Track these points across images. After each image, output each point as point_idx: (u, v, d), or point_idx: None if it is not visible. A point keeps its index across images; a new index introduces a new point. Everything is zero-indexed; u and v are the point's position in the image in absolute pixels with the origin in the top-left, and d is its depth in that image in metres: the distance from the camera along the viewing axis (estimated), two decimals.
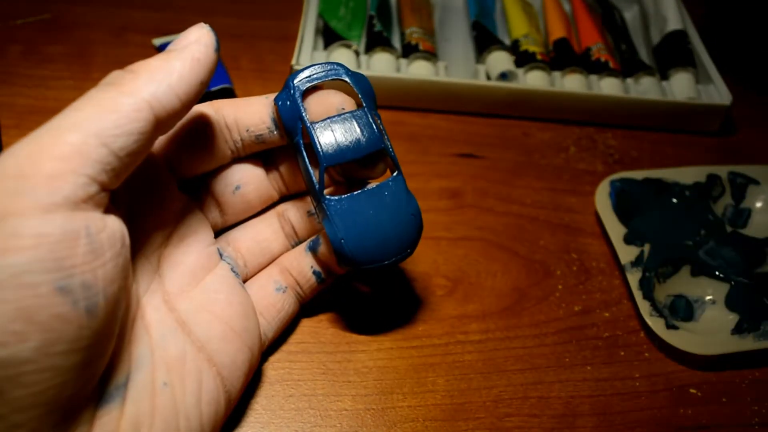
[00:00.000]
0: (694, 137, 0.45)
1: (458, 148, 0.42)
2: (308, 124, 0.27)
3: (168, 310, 0.25)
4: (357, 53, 0.44)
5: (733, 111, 0.45)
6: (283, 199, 0.31)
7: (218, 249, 0.28)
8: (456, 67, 0.46)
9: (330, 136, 0.27)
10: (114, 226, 0.21)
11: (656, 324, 0.32)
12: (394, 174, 0.28)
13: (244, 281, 0.29)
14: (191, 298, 0.26)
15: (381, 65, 0.43)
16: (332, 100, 0.27)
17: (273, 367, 0.30)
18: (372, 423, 0.28)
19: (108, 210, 0.21)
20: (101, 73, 0.46)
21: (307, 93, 0.27)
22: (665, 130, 0.45)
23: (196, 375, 0.24)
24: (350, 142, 0.27)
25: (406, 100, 0.43)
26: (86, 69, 0.43)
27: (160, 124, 0.22)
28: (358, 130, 0.27)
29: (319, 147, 0.26)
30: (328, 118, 0.27)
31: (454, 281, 0.34)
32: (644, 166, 0.42)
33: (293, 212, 0.30)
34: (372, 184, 0.28)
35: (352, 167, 0.28)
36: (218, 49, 0.24)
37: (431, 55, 0.44)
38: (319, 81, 0.27)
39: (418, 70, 0.44)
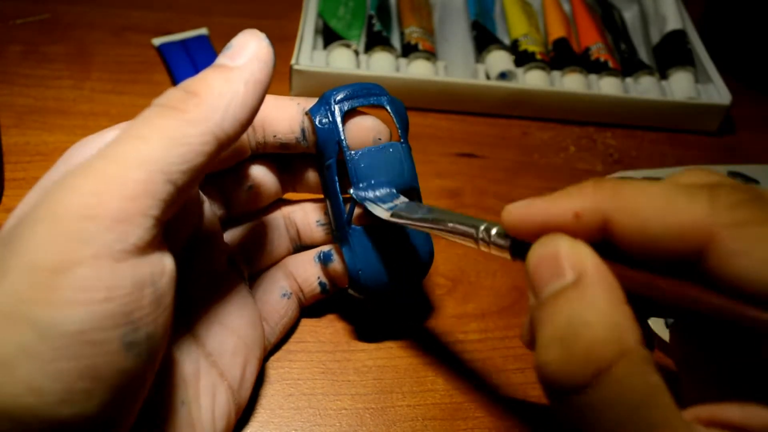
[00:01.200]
0: (694, 137, 0.45)
1: (458, 147, 0.42)
2: (347, 152, 0.26)
3: (183, 327, 0.25)
4: (356, 53, 0.44)
5: (733, 111, 0.45)
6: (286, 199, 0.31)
7: (229, 256, 0.27)
8: (456, 66, 0.46)
9: (367, 170, 0.26)
10: (171, 266, 0.19)
11: (655, 323, 0.32)
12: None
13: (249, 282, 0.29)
14: (205, 310, 0.25)
15: (380, 65, 0.43)
16: (371, 127, 0.26)
17: (272, 366, 0.30)
18: (371, 422, 0.28)
19: (161, 245, 0.19)
20: (101, 73, 0.46)
21: (347, 114, 0.27)
22: (665, 129, 0.45)
23: (211, 390, 0.24)
24: (386, 178, 0.26)
25: (405, 100, 0.43)
26: (86, 69, 0.43)
27: (221, 152, 0.20)
28: (395, 166, 0.27)
29: (355, 180, 0.26)
30: (367, 148, 0.26)
31: (453, 281, 0.34)
32: (644, 166, 0.42)
33: (300, 217, 0.30)
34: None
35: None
36: (275, 64, 0.22)
37: (431, 55, 0.44)
38: (360, 106, 0.27)
39: (418, 69, 0.44)
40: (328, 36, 0.44)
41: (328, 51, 0.44)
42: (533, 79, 0.44)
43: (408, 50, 0.44)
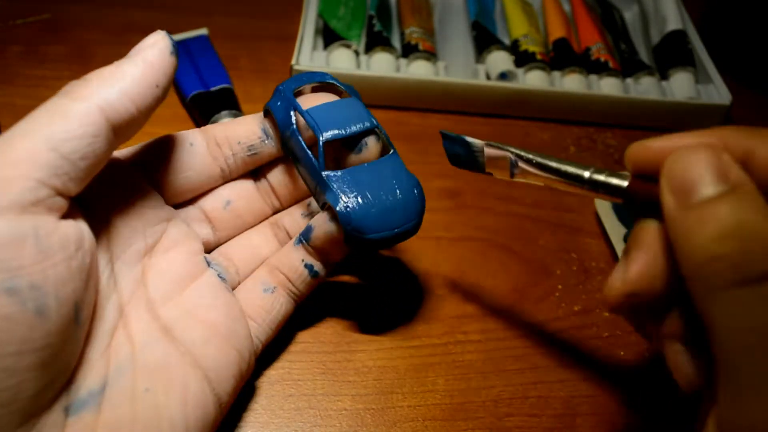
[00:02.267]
0: None
1: None
2: (301, 109, 0.28)
3: (151, 319, 0.25)
4: (357, 53, 0.44)
5: (733, 111, 0.45)
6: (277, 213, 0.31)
7: (205, 257, 0.28)
8: (456, 67, 0.46)
9: (324, 113, 0.27)
10: (68, 229, 0.21)
11: None
12: (390, 152, 0.28)
13: (235, 288, 0.29)
14: (176, 305, 0.26)
15: (381, 65, 0.43)
16: (321, 96, 0.28)
17: (273, 367, 0.30)
18: (372, 423, 0.28)
19: (67, 215, 0.21)
20: None
21: (299, 95, 0.28)
22: (665, 129, 0.45)
23: (181, 379, 0.24)
24: (343, 118, 0.27)
25: (406, 100, 0.43)
26: (86, 69, 0.42)
27: (116, 128, 0.22)
28: (349, 110, 0.28)
29: (314, 122, 0.27)
30: (319, 104, 0.28)
31: (453, 281, 0.34)
32: None
33: (287, 218, 0.30)
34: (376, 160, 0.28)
35: (345, 153, 0.28)
36: (174, 52, 0.24)
37: (431, 55, 0.44)
38: (307, 83, 0.28)
39: (418, 69, 0.44)
40: (328, 36, 0.44)
41: (328, 51, 0.44)
42: (533, 80, 0.44)
43: (408, 50, 0.44)
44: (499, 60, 0.44)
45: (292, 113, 0.28)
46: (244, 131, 0.28)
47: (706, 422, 0.19)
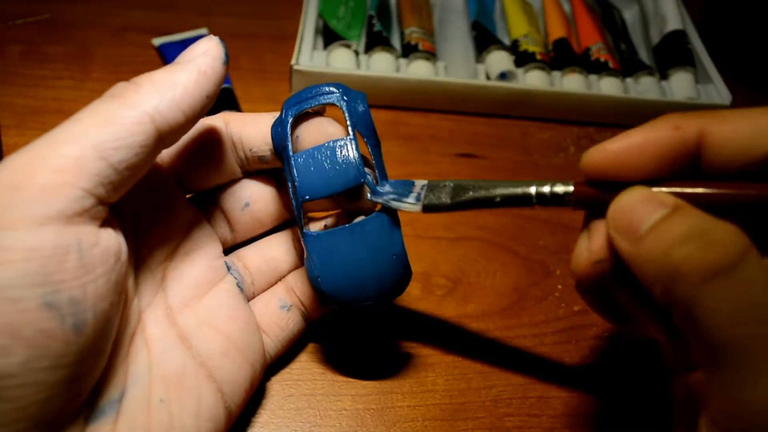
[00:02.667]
0: None
1: (458, 148, 0.42)
2: (289, 155, 0.25)
3: (169, 325, 0.25)
4: (356, 53, 0.44)
5: None
6: None
7: (226, 263, 0.28)
8: (456, 67, 0.46)
9: (307, 170, 0.25)
10: (109, 241, 0.20)
11: None
12: (378, 211, 0.25)
13: (250, 299, 0.29)
14: (194, 313, 0.26)
15: (381, 65, 0.43)
16: (319, 128, 0.25)
17: (272, 367, 0.30)
18: (371, 423, 0.28)
19: (106, 223, 0.21)
20: (101, 73, 0.46)
21: (302, 118, 0.26)
22: None
23: (196, 391, 0.24)
24: (327, 176, 0.25)
25: (406, 100, 0.43)
26: (86, 69, 0.43)
27: (163, 138, 0.21)
28: (337, 162, 0.25)
29: (296, 181, 0.25)
30: (308, 149, 0.25)
31: (453, 281, 0.34)
32: None
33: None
34: (358, 219, 0.26)
35: (340, 199, 0.27)
36: (227, 62, 0.23)
37: (431, 55, 0.44)
38: (310, 107, 0.26)
39: (418, 70, 0.44)
40: (328, 36, 0.44)
41: (328, 51, 0.44)
42: (533, 80, 0.44)
43: (408, 50, 0.44)
44: (499, 60, 0.44)
45: (288, 146, 0.25)
46: (255, 140, 0.27)
47: (699, 424, 0.19)
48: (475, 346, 0.32)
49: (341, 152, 0.25)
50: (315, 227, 0.28)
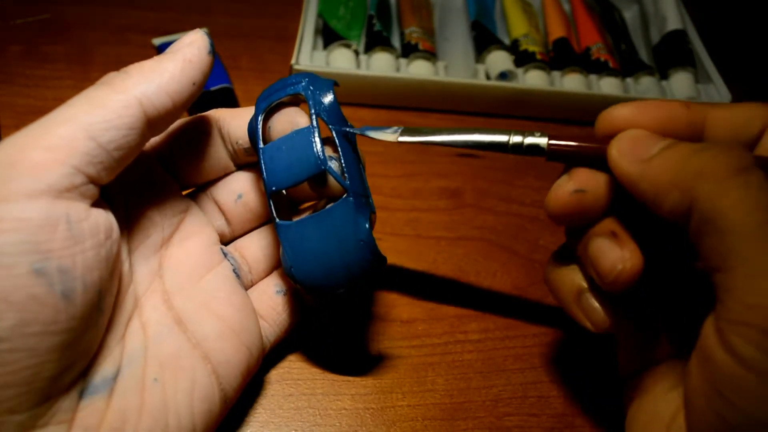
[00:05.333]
0: None
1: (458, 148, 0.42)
2: (258, 147, 0.26)
3: (166, 309, 0.25)
4: (357, 53, 0.44)
5: None
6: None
7: (222, 249, 0.28)
8: (456, 66, 0.46)
9: (272, 161, 0.25)
10: (99, 217, 0.21)
11: None
12: (343, 196, 0.25)
13: (248, 288, 0.29)
14: (190, 296, 0.26)
15: (380, 65, 0.43)
16: (286, 119, 0.26)
17: (272, 367, 0.30)
18: (371, 422, 0.28)
19: (98, 204, 0.22)
20: (101, 73, 0.46)
21: (274, 110, 0.26)
22: None
23: (190, 372, 0.24)
24: (291, 165, 0.25)
25: (405, 100, 0.43)
26: (86, 69, 0.43)
27: (152, 122, 0.22)
28: (299, 151, 0.25)
29: (263, 173, 0.25)
30: (276, 140, 0.26)
31: (453, 281, 0.34)
32: None
33: None
34: (327, 207, 0.26)
35: (313, 187, 0.26)
36: (212, 51, 0.24)
37: (431, 55, 0.44)
38: (277, 99, 0.26)
39: (418, 69, 0.44)
40: (328, 36, 0.44)
41: (328, 51, 0.44)
42: (533, 79, 0.44)
43: (408, 50, 0.44)
44: (499, 60, 0.44)
45: (258, 138, 0.26)
46: (240, 132, 0.28)
47: (701, 332, 0.20)
48: (475, 345, 0.32)
49: (302, 141, 0.25)
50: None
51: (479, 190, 0.39)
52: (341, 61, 0.43)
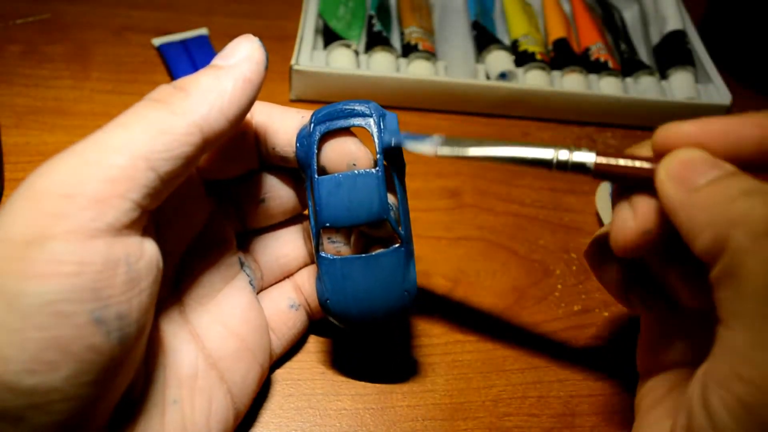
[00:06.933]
0: None
1: None
2: (314, 176, 0.24)
3: (183, 322, 0.25)
4: (356, 53, 0.44)
5: (733, 111, 0.45)
6: None
7: (240, 258, 0.27)
8: (455, 66, 0.46)
9: (331, 197, 0.24)
10: (151, 252, 0.20)
11: None
12: (396, 246, 0.25)
13: (258, 293, 0.29)
14: (207, 311, 0.25)
15: (380, 65, 0.43)
16: (345, 152, 0.24)
17: (272, 367, 0.30)
18: (371, 422, 0.28)
19: (146, 232, 0.20)
20: (101, 73, 0.46)
21: (328, 134, 0.25)
22: None
23: (207, 392, 0.24)
24: (350, 207, 0.24)
25: (405, 100, 0.43)
26: (86, 69, 0.43)
27: (208, 146, 0.21)
28: (362, 196, 0.24)
29: (318, 206, 0.24)
30: (333, 175, 0.24)
31: (453, 281, 0.34)
32: None
33: None
34: (375, 251, 0.26)
35: (361, 227, 0.26)
36: (267, 66, 0.22)
37: (431, 55, 0.44)
38: (339, 127, 0.25)
39: (418, 69, 0.44)
40: (328, 36, 0.44)
41: (328, 51, 0.44)
42: (533, 79, 0.44)
43: (408, 50, 0.44)
44: (499, 60, 0.44)
45: (308, 171, 0.25)
46: (280, 139, 0.26)
47: (694, 373, 0.20)
48: (474, 345, 0.32)
49: (367, 186, 0.24)
50: (328, 235, 0.28)
51: (479, 190, 0.39)
52: (341, 61, 0.43)
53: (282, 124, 0.26)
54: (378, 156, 0.24)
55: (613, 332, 0.33)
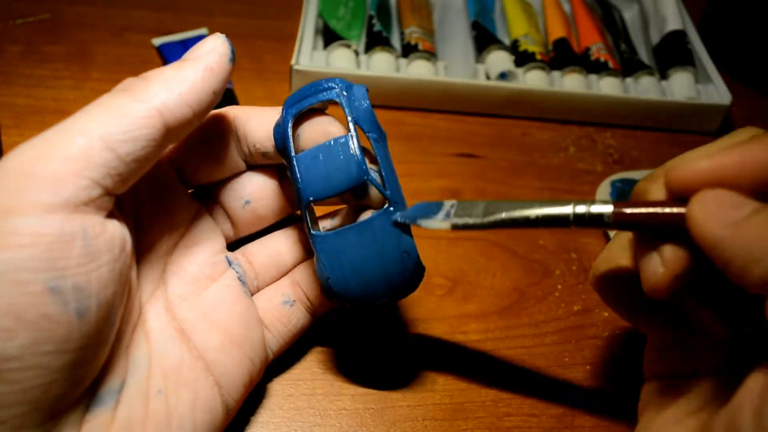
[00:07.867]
0: (694, 137, 0.45)
1: (458, 148, 0.42)
2: (291, 156, 0.25)
3: (169, 318, 0.25)
4: (356, 53, 0.44)
5: (733, 111, 0.45)
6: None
7: (227, 257, 0.28)
8: (455, 67, 0.46)
9: (310, 170, 0.24)
10: (114, 231, 0.21)
11: None
12: (385, 207, 0.25)
13: (254, 293, 0.29)
14: (193, 307, 0.26)
15: (380, 65, 0.43)
16: (320, 128, 0.25)
17: (272, 367, 0.30)
18: (371, 422, 0.28)
19: (111, 215, 0.21)
20: (101, 73, 0.46)
21: (303, 116, 0.25)
22: (665, 130, 0.45)
23: (193, 384, 0.24)
24: (330, 176, 0.24)
25: (405, 100, 0.43)
26: (86, 69, 0.43)
27: (171, 132, 0.22)
28: (339, 162, 0.24)
29: (299, 183, 0.24)
30: (308, 150, 0.25)
31: (453, 281, 0.34)
32: (644, 166, 0.42)
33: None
34: (364, 216, 0.25)
35: (347, 197, 0.26)
36: (233, 59, 0.23)
37: (431, 55, 0.44)
38: (308, 105, 0.25)
39: (418, 69, 0.44)
40: (328, 36, 0.44)
41: (328, 51, 0.44)
42: (533, 79, 0.44)
43: (408, 50, 0.45)
44: (499, 60, 0.44)
45: (290, 146, 0.25)
46: (259, 135, 0.26)
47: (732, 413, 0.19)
48: (474, 346, 0.32)
49: (342, 151, 0.24)
50: (323, 224, 0.28)
51: (479, 189, 0.39)
52: (341, 61, 0.43)
53: (260, 121, 0.26)
54: (349, 121, 0.25)
55: (614, 332, 0.33)
